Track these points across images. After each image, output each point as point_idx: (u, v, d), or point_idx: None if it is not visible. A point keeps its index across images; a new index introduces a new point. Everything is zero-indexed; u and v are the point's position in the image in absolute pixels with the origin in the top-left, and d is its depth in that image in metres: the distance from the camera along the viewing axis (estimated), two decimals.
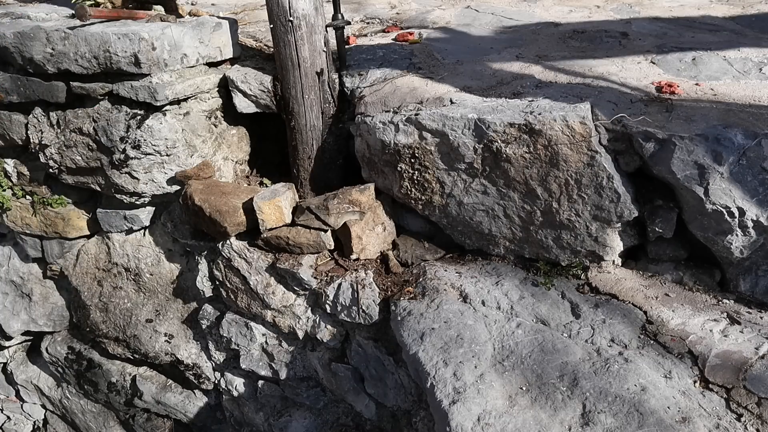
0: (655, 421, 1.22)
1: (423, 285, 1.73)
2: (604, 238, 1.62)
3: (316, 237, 1.84)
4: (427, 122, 1.65)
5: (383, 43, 2.26)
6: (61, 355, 2.67)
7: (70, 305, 2.60)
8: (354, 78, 1.95)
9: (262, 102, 2.02)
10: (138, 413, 2.66)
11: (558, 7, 2.66)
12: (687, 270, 1.62)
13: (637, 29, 2.25)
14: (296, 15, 1.75)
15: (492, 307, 1.63)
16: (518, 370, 1.41)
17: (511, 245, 1.76)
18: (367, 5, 2.94)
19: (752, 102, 1.58)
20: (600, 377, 1.35)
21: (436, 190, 1.75)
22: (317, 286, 1.86)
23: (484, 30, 2.38)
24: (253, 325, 2.09)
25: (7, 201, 2.39)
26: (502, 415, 1.30)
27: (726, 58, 1.86)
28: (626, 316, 1.53)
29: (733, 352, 1.37)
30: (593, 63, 1.90)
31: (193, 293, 2.28)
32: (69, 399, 2.83)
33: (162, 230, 2.30)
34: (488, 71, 1.91)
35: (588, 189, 1.56)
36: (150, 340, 2.37)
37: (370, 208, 1.85)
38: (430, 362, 1.46)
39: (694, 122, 1.51)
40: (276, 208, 1.85)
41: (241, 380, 2.28)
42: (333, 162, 2.00)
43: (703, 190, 1.44)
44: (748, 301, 1.54)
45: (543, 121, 1.52)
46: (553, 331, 1.52)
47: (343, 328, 1.92)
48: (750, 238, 1.46)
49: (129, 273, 2.38)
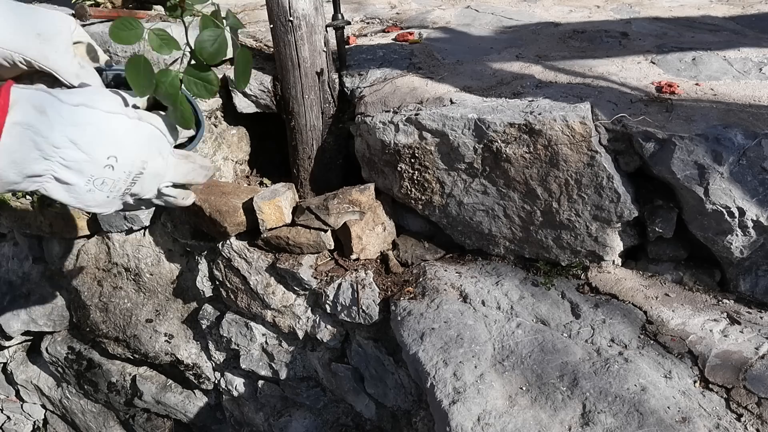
0: (655, 421, 1.22)
1: (423, 285, 1.73)
2: (604, 238, 1.62)
3: (316, 237, 1.84)
4: (427, 122, 1.65)
5: (383, 43, 2.26)
6: (61, 355, 2.66)
7: (70, 305, 2.59)
8: (354, 78, 1.95)
9: (262, 102, 2.02)
10: (138, 413, 2.66)
11: (558, 7, 2.66)
12: (687, 270, 1.62)
13: (637, 29, 2.24)
14: (296, 15, 1.75)
15: (492, 307, 1.63)
16: (518, 370, 1.41)
17: (511, 245, 1.76)
18: (367, 5, 2.94)
19: (752, 102, 1.58)
20: (600, 377, 1.35)
21: (436, 190, 1.75)
22: (317, 286, 1.86)
23: (484, 30, 2.38)
24: (253, 325, 2.09)
25: (7, 201, 2.39)
26: (502, 415, 1.30)
27: (726, 58, 1.86)
28: (626, 316, 1.53)
29: (733, 352, 1.37)
30: (593, 63, 1.89)
31: (193, 293, 2.28)
32: (69, 399, 2.83)
33: (162, 230, 2.30)
34: (488, 71, 1.91)
35: (588, 189, 1.56)
36: (150, 340, 2.37)
37: (370, 208, 1.85)
38: (430, 362, 1.46)
39: (694, 122, 1.51)
40: (276, 208, 1.85)
41: (241, 380, 2.28)
42: (333, 162, 2.00)
43: (703, 190, 1.44)
44: (748, 301, 1.54)
45: (543, 121, 1.52)
46: (553, 331, 1.52)
47: (343, 328, 1.92)
48: (750, 238, 1.46)
49: (129, 273, 2.38)
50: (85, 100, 0.88)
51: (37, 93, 0.83)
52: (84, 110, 0.87)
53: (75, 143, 0.85)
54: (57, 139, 0.83)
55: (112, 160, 0.89)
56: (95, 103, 0.88)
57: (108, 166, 0.89)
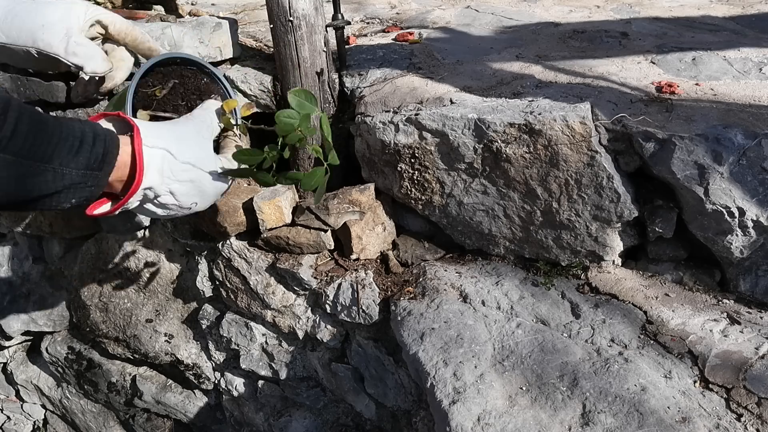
0: (655, 421, 1.22)
1: (423, 285, 1.73)
2: (604, 238, 1.62)
3: (316, 237, 1.84)
4: (427, 122, 1.65)
5: (383, 43, 2.26)
6: (61, 355, 2.66)
7: (70, 305, 2.59)
8: (354, 78, 1.95)
9: (262, 102, 2.02)
10: (138, 413, 2.66)
11: (558, 7, 2.66)
12: (687, 270, 1.62)
13: (637, 29, 2.24)
14: (296, 15, 1.75)
15: (492, 307, 1.63)
16: (518, 370, 1.41)
17: (511, 245, 1.76)
18: (367, 5, 2.94)
19: (752, 102, 1.58)
20: (600, 377, 1.35)
21: (436, 190, 1.75)
22: (317, 286, 1.86)
23: (484, 30, 2.38)
24: (253, 325, 2.09)
25: None
26: (502, 415, 1.30)
27: (726, 58, 1.86)
28: (626, 316, 1.53)
29: (733, 352, 1.37)
30: (593, 63, 1.89)
31: (193, 293, 2.28)
32: (69, 399, 2.83)
33: (162, 230, 2.30)
34: (488, 71, 1.91)
35: (588, 189, 1.56)
36: (150, 340, 2.37)
37: (370, 208, 1.85)
38: (430, 362, 1.46)
39: (694, 122, 1.50)
40: (276, 208, 1.85)
41: (241, 380, 2.28)
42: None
43: (703, 190, 1.44)
44: (748, 301, 1.54)
45: (543, 121, 1.52)
46: (553, 331, 1.52)
47: (343, 328, 1.92)
48: (750, 238, 1.46)
49: (129, 273, 2.38)
50: (193, 159, 1.01)
51: (160, 155, 0.95)
52: (189, 169, 1.01)
53: (173, 193, 0.99)
54: (161, 191, 0.97)
55: (193, 205, 1.06)
56: (199, 163, 1.03)
57: (187, 208, 1.05)
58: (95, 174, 0.85)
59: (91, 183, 0.85)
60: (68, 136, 0.81)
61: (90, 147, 0.83)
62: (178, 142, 0.98)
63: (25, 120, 0.74)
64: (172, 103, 1.26)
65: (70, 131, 0.81)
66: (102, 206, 0.93)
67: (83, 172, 0.83)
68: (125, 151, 0.90)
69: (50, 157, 0.78)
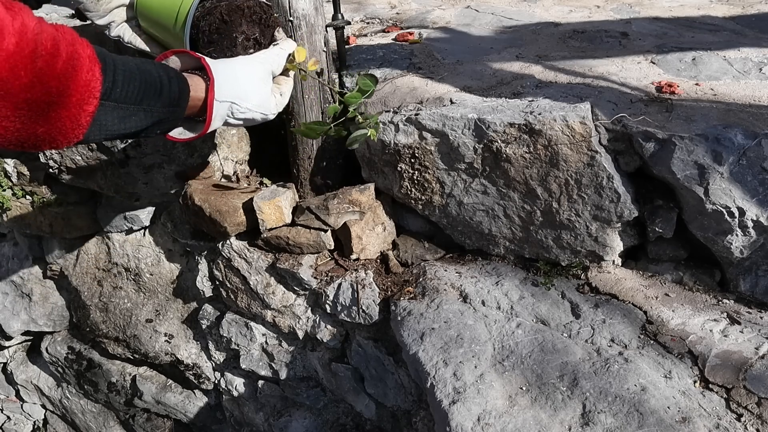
0: (655, 421, 1.23)
1: (423, 285, 1.73)
2: (604, 238, 1.62)
3: (316, 237, 1.84)
4: (427, 122, 1.65)
5: (383, 43, 2.26)
6: (61, 355, 2.67)
7: (70, 305, 2.60)
8: (354, 78, 1.95)
9: None
10: (138, 413, 2.66)
11: (558, 7, 2.66)
12: (687, 270, 1.62)
13: (637, 29, 2.24)
14: (296, 15, 1.75)
15: (492, 307, 1.63)
16: (518, 370, 1.41)
17: (511, 245, 1.76)
18: (367, 5, 2.94)
19: (752, 102, 1.58)
20: (600, 377, 1.35)
21: (436, 190, 1.75)
22: (317, 286, 1.86)
23: (484, 30, 2.38)
24: (253, 325, 2.09)
25: (7, 201, 2.39)
26: (502, 415, 1.30)
27: (726, 58, 1.86)
28: (626, 316, 1.53)
29: (733, 352, 1.37)
30: (593, 63, 1.89)
31: (193, 293, 2.28)
32: (69, 399, 2.83)
33: (162, 230, 2.30)
34: (488, 71, 1.91)
35: (588, 189, 1.56)
36: (150, 340, 2.37)
37: (370, 208, 1.85)
38: (430, 362, 1.46)
39: (694, 122, 1.51)
40: (276, 208, 1.85)
41: (241, 380, 2.29)
42: (333, 162, 2.00)
43: (703, 190, 1.44)
44: (748, 301, 1.54)
45: (543, 121, 1.52)
46: (553, 331, 1.52)
47: (343, 328, 1.92)
48: (750, 238, 1.46)
49: (129, 273, 2.38)
50: (252, 106, 1.20)
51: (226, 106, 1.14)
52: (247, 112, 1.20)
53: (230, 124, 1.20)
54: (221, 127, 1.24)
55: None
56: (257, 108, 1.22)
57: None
58: (174, 110, 1.03)
59: (172, 117, 1.04)
60: (151, 82, 0.97)
61: (168, 89, 1.00)
62: (244, 93, 1.15)
63: (120, 72, 0.90)
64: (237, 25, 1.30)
65: (149, 77, 0.97)
66: (176, 132, 1.13)
67: (166, 109, 1.01)
68: (199, 89, 1.08)
69: (140, 100, 0.94)
